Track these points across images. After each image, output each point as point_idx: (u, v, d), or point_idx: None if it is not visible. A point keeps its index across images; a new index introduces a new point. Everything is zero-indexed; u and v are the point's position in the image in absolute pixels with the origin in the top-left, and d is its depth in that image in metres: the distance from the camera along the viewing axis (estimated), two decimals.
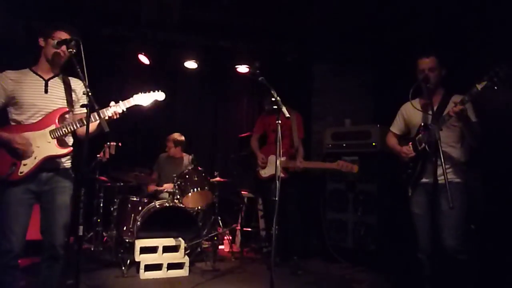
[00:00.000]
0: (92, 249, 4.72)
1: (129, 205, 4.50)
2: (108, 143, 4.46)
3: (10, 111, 2.45)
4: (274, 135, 4.24)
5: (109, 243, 4.51)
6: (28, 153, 2.36)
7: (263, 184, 4.49)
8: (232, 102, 6.55)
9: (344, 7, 4.69)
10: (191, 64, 5.89)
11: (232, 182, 5.24)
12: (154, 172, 5.19)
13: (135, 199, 4.55)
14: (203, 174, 4.50)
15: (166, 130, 5.60)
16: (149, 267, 3.89)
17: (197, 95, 6.35)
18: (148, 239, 4.04)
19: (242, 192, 5.51)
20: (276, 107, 2.75)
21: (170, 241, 4.09)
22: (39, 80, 2.50)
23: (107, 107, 2.50)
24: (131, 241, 4.14)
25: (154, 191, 4.99)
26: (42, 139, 2.43)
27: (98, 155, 4.48)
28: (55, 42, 2.42)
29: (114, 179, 4.68)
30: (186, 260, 4.04)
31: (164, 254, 4.03)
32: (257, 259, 4.85)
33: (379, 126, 4.66)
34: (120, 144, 4.54)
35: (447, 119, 2.68)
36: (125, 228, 4.41)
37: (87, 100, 2.21)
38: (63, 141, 2.51)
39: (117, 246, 4.34)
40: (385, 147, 3.43)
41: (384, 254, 4.41)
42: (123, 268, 3.89)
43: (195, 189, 4.34)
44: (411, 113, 3.05)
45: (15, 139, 2.33)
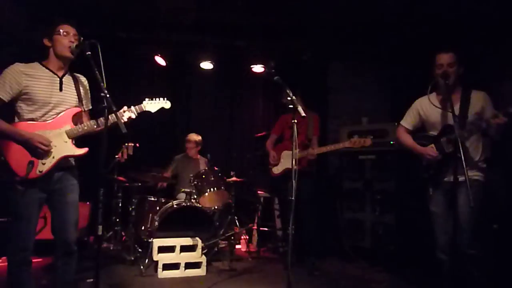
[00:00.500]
0: (111, 248, 4.81)
1: (147, 205, 4.57)
2: (126, 144, 4.53)
3: (21, 107, 2.40)
4: (290, 131, 4.22)
5: (128, 243, 4.57)
6: (48, 152, 2.38)
7: (278, 184, 4.48)
8: (248, 101, 6.55)
9: (360, 4, 4.63)
10: (206, 65, 5.92)
11: (248, 182, 5.25)
12: (167, 171, 5.22)
13: (152, 199, 4.61)
14: (219, 174, 4.51)
15: (183, 131, 5.65)
16: (167, 266, 3.93)
17: (213, 96, 6.37)
18: (166, 239, 4.09)
19: (258, 192, 5.52)
20: (291, 106, 2.74)
21: (187, 241, 4.13)
22: (53, 76, 2.48)
23: (120, 110, 2.54)
24: (149, 240, 4.19)
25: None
26: (59, 139, 2.43)
27: (116, 156, 4.56)
28: (73, 45, 2.43)
29: (132, 179, 4.74)
30: (203, 259, 4.07)
31: (182, 254, 4.07)
32: (274, 258, 4.84)
33: (396, 124, 4.57)
34: (137, 145, 4.61)
35: (483, 127, 2.62)
36: (143, 228, 4.47)
37: (105, 102, 2.21)
38: (78, 141, 2.54)
39: (136, 246, 4.40)
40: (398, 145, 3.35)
41: (403, 254, 4.34)
42: (141, 267, 3.94)
43: (212, 189, 4.36)
44: (428, 109, 2.98)
45: (36, 138, 2.33)
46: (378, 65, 5.83)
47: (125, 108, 2.58)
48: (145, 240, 4.36)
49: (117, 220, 4.86)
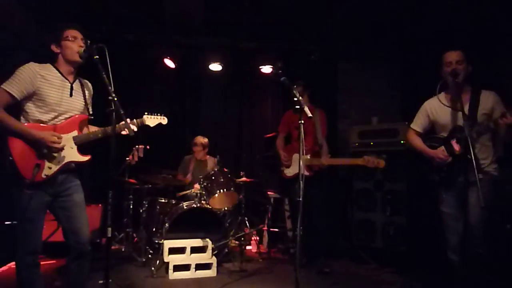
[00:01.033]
0: (123, 249, 4.86)
1: (158, 206, 4.60)
2: (137, 146, 4.57)
3: (30, 108, 2.39)
4: (297, 132, 4.21)
5: (139, 244, 4.62)
6: (60, 150, 2.40)
7: (288, 184, 4.47)
8: (257, 102, 6.56)
9: (368, 2, 4.60)
10: (215, 67, 5.95)
11: (258, 182, 5.25)
12: (178, 173, 5.27)
13: (163, 200, 4.64)
14: (229, 175, 4.52)
15: (193, 132, 5.69)
16: (177, 268, 3.95)
17: (222, 97, 6.40)
18: (176, 240, 4.11)
19: (268, 193, 5.51)
20: (298, 107, 2.73)
21: (197, 242, 4.15)
22: (64, 81, 2.51)
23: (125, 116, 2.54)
24: (160, 242, 4.22)
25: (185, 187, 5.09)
26: (66, 144, 2.46)
27: (127, 158, 4.61)
28: (81, 50, 2.45)
29: (142, 181, 4.78)
30: (214, 260, 4.08)
31: (192, 255, 4.09)
32: (284, 259, 4.83)
33: (407, 123, 4.53)
34: (148, 147, 4.65)
35: (491, 127, 2.58)
36: (154, 229, 4.51)
37: (112, 105, 2.23)
38: (83, 148, 2.56)
39: (147, 247, 4.44)
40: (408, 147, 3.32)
41: (414, 255, 4.30)
42: (152, 268, 3.97)
43: (221, 190, 4.36)
44: (437, 111, 2.95)
45: (49, 137, 2.34)
46: (387, 64, 5.77)
47: (128, 120, 2.60)
48: (156, 241, 4.39)
49: (129, 221, 4.91)
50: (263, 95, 6.56)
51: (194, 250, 4.11)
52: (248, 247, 5.27)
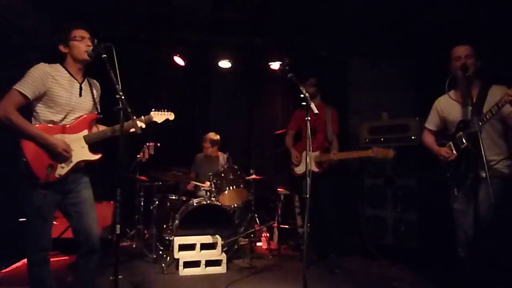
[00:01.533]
0: (134, 246, 4.92)
1: (168, 203, 4.65)
2: (147, 143, 4.61)
3: (41, 108, 2.42)
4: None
5: (150, 241, 4.67)
6: (69, 158, 2.45)
7: (298, 181, 4.46)
8: (267, 99, 6.56)
9: None
10: (225, 64, 5.96)
11: (268, 179, 5.24)
12: (192, 172, 5.32)
13: (173, 197, 4.68)
14: (238, 172, 4.53)
15: (202, 129, 5.71)
16: (187, 264, 3.98)
17: (232, 94, 6.41)
18: (187, 237, 4.14)
19: (278, 189, 5.51)
20: (304, 103, 2.72)
21: (207, 239, 4.18)
22: (74, 81, 2.54)
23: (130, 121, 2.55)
24: (170, 238, 4.25)
25: (194, 187, 5.12)
26: (77, 144, 2.51)
27: (138, 156, 4.65)
28: (90, 49, 2.48)
29: (153, 178, 4.82)
30: (224, 257, 4.10)
31: (202, 251, 4.12)
32: (295, 256, 4.83)
33: (418, 119, 4.49)
34: (158, 145, 4.68)
35: (494, 111, 2.49)
36: (164, 226, 4.55)
37: (120, 103, 2.24)
38: (94, 146, 2.60)
39: (157, 244, 4.48)
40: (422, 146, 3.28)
41: (426, 251, 4.25)
42: (163, 264, 4.01)
43: (231, 187, 4.38)
44: (447, 108, 2.91)
45: (61, 145, 2.39)
46: (398, 59, 5.70)
47: (135, 118, 2.62)
48: (167, 238, 4.43)
49: (140, 218, 4.97)
50: (272, 91, 6.54)
51: (204, 246, 4.14)
52: (258, 244, 5.28)
